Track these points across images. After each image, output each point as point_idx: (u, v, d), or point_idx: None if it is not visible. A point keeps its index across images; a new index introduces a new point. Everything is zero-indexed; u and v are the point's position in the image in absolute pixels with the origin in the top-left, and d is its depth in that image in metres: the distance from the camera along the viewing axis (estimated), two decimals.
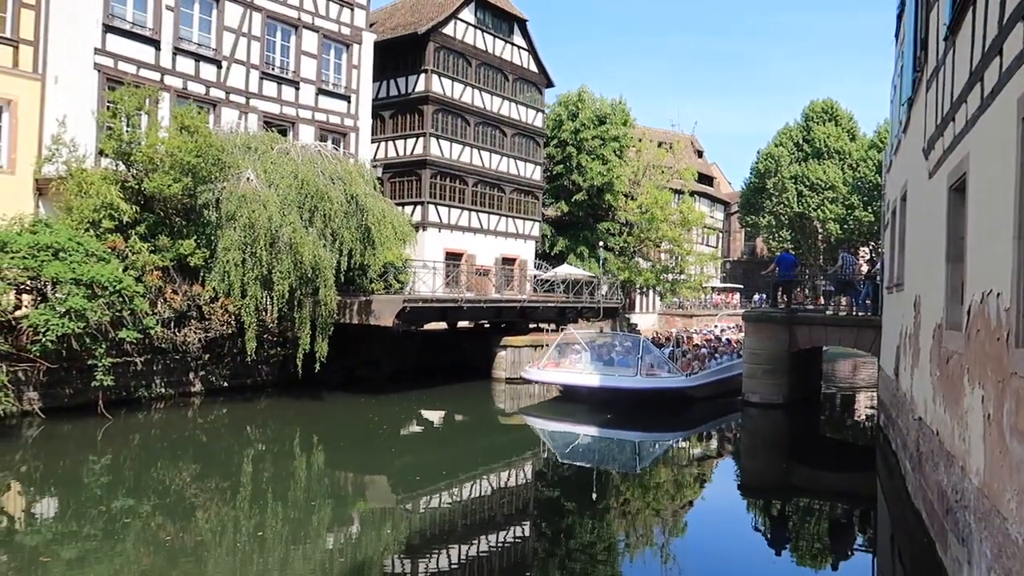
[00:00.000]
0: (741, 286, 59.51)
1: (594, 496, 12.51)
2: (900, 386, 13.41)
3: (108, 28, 19.82)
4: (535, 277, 32.71)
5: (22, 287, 15.21)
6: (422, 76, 31.06)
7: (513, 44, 35.35)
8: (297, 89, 24.99)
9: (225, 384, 19.21)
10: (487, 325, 26.20)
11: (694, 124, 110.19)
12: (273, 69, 24.31)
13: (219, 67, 22.63)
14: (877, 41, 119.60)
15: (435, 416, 19.66)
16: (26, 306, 15.36)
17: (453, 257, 31.03)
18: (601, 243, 41.30)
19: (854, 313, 21.23)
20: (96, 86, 19.44)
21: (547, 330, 27.49)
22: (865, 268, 28.24)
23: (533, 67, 36.58)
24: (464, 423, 19.49)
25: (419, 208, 31.04)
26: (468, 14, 32.83)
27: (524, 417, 19.74)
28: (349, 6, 26.66)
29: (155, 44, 20.93)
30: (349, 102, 26.78)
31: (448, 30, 31.72)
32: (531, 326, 27.46)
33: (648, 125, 54.07)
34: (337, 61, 26.53)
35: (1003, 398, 5.53)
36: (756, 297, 44.59)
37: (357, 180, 20.40)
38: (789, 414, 19.73)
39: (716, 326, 34.33)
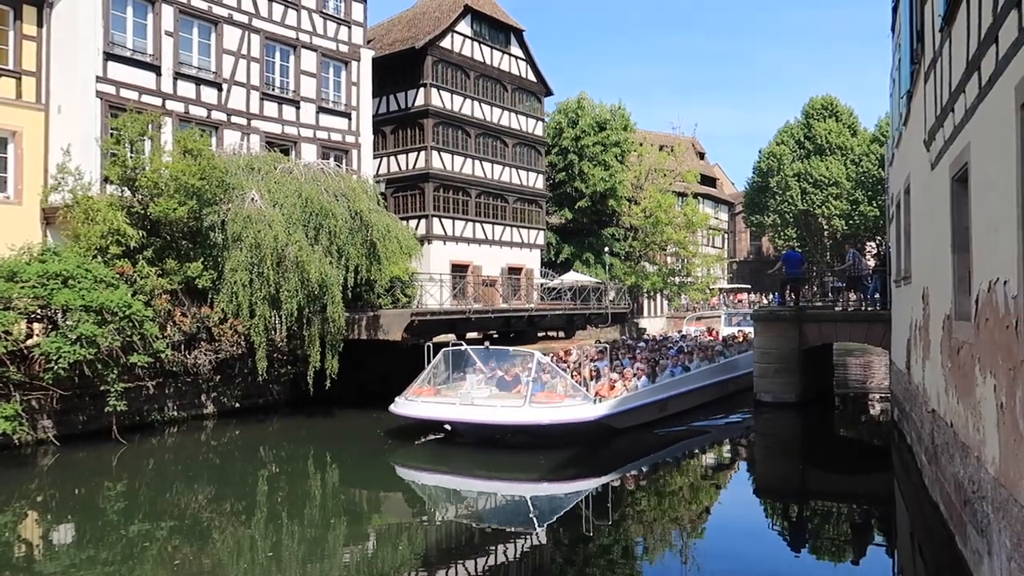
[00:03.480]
0: (748, 286, 59.40)
1: (609, 503, 12.49)
2: (912, 379, 13.34)
3: (109, 56, 19.99)
4: (542, 285, 32.75)
5: (33, 316, 15.29)
6: (421, 90, 31.25)
7: (511, 55, 35.54)
8: (298, 108, 25.14)
9: (237, 405, 19.24)
10: (496, 335, 26.21)
11: (695, 126, 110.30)
12: (273, 89, 24.48)
13: (220, 90, 22.80)
14: (875, 34, 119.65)
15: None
16: (37, 335, 15.44)
17: (459, 269, 31.11)
18: (607, 249, 41.35)
19: (863, 308, 21.17)
20: (99, 114, 19.59)
21: (556, 337, 27.47)
22: (872, 263, 28.15)
23: (531, 76, 36.75)
24: None
25: (423, 221, 31.16)
26: (465, 27, 33.04)
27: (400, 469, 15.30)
28: (346, 24, 26.84)
29: (156, 70, 21.11)
30: (350, 119, 26.91)
31: (446, 43, 31.92)
32: (540, 335, 27.45)
33: (649, 129, 54.23)
34: (336, 79, 26.69)
35: (1015, 386, 5.51)
36: (771, 296, 43.94)
37: (361, 196, 20.49)
38: (802, 412, 19.62)
39: (681, 330, 31.24)
